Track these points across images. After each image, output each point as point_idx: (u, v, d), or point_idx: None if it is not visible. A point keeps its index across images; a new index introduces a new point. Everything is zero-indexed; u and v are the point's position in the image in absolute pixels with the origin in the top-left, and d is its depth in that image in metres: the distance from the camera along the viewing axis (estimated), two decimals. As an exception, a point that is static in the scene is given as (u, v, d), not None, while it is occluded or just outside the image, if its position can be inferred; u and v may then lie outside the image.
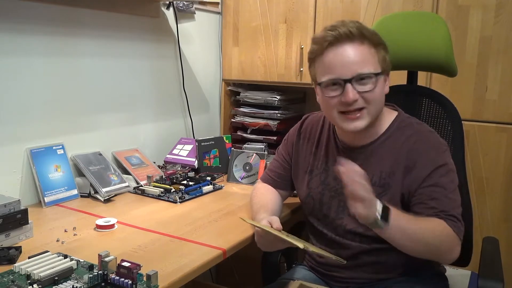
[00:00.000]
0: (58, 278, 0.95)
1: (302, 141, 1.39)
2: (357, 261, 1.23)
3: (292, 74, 2.10)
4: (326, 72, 1.15)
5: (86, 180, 1.58)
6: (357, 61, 1.12)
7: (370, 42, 1.15)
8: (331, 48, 1.14)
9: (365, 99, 1.14)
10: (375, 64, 1.14)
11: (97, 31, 1.68)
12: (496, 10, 1.65)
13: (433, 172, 1.15)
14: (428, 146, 1.18)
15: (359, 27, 1.14)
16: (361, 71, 1.12)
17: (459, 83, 1.71)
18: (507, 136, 1.68)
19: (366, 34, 1.14)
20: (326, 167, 1.31)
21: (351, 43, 1.13)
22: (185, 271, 1.03)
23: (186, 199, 1.57)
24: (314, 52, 1.18)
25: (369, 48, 1.14)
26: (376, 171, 1.21)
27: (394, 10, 1.83)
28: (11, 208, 1.15)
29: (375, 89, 1.14)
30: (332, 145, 1.31)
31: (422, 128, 1.24)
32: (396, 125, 1.23)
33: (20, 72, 1.44)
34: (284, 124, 2.21)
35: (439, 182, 1.14)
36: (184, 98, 2.13)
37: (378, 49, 1.16)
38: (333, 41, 1.13)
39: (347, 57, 1.12)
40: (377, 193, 1.17)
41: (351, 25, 1.14)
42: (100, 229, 1.27)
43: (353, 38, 1.13)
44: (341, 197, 1.25)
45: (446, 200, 1.13)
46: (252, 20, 2.17)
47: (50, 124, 1.55)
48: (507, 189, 1.70)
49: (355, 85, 1.12)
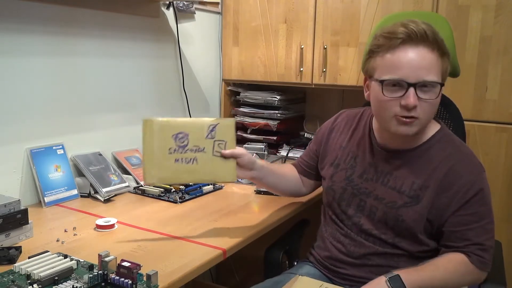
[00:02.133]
0: (58, 278, 0.94)
1: (335, 134, 1.38)
2: (367, 261, 1.22)
3: (292, 74, 2.10)
4: (390, 71, 1.09)
5: (86, 180, 1.58)
6: (425, 66, 1.06)
7: (439, 50, 1.08)
8: (402, 46, 1.07)
9: (422, 108, 1.09)
10: (439, 74, 1.09)
11: (97, 31, 1.68)
12: (496, 10, 1.65)
13: (473, 198, 1.13)
14: (470, 169, 1.15)
15: (434, 31, 1.07)
16: (427, 78, 1.07)
17: (459, 83, 1.70)
18: (507, 136, 1.68)
19: (438, 41, 1.07)
20: (354, 164, 1.29)
21: (423, 46, 1.07)
22: (185, 271, 1.03)
23: (186, 199, 1.57)
24: (380, 46, 1.11)
25: (438, 56, 1.08)
26: (408, 180, 1.18)
27: (394, 10, 1.83)
28: (11, 208, 1.15)
29: (435, 100, 1.10)
30: (365, 143, 1.28)
31: (464, 149, 1.20)
32: (438, 138, 1.20)
33: (20, 72, 1.44)
34: (284, 124, 2.21)
35: (477, 212, 1.13)
36: (184, 98, 2.13)
37: (444, 59, 1.10)
38: (405, 39, 1.07)
39: (417, 60, 1.06)
40: (404, 202, 1.17)
41: (424, 26, 1.06)
42: (100, 229, 1.27)
43: (427, 41, 1.06)
44: (362, 197, 1.24)
45: (480, 231, 1.12)
46: (252, 20, 2.17)
47: (50, 124, 1.55)
48: (507, 189, 1.70)
49: (418, 91, 1.07)
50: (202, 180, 1.27)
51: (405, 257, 1.20)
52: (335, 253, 1.27)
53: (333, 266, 1.28)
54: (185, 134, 1.17)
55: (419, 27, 1.06)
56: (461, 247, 1.12)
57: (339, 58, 1.98)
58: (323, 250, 1.32)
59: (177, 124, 1.18)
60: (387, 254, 1.20)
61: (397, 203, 1.18)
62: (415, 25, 1.07)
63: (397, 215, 1.17)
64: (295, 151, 2.15)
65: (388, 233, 1.20)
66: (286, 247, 1.45)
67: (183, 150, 1.17)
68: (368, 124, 1.30)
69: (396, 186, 1.19)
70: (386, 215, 1.19)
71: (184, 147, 1.17)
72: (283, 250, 1.43)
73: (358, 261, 1.23)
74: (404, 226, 1.17)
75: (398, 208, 1.17)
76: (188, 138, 1.17)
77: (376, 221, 1.21)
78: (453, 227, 1.14)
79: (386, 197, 1.20)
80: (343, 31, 1.95)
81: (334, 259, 1.28)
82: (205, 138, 1.19)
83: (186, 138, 1.17)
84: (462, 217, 1.13)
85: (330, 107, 2.30)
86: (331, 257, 1.28)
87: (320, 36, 2.00)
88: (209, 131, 1.19)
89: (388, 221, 1.19)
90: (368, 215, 1.23)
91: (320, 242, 1.35)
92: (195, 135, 1.18)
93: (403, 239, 1.19)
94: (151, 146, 1.15)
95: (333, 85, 2.02)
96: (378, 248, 1.21)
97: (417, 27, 1.07)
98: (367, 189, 1.24)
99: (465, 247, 1.12)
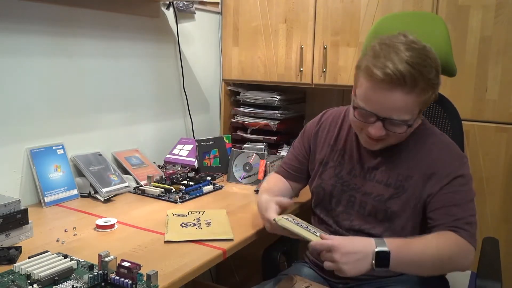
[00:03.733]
0: (58, 278, 0.94)
1: (321, 133, 1.39)
2: None
3: (292, 74, 2.10)
4: (363, 101, 1.12)
5: (86, 180, 1.58)
6: (397, 107, 1.09)
7: (420, 89, 1.08)
8: (380, 85, 1.07)
9: (389, 136, 1.15)
10: (414, 111, 1.11)
11: (97, 31, 1.68)
12: (496, 10, 1.65)
13: (454, 180, 1.16)
14: (450, 156, 1.20)
15: (415, 72, 1.05)
16: (396, 118, 1.10)
17: (459, 83, 1.71)
18: (507, 136, 1.68)
19: (419, 81, 1.06)
20: (342, 161, 1.31)
21: (400, 89, 1.06)
22: (185, 271, 1.03)
23: (186, 199, 1.57)
24: (361, 72, 1.13)
25: (418, 94, 1.08)
26: (393, 173, 1.22)
27: (394, 10, 1.83)
28: (11, 208, 1.15)
29: (402, 133, 1.14)
30: (351, 140, 1.31)
31: (444, 139, 1.25)
32: (419, 132, 1.23)
33: (20, 72, 1.44)
34: (284, 124, 2.21)
35: (459, 190, 1.16)
36: (184, 98, 2.13)
37: (427, 92, 1.10)
38: (383, 81, 1.06)
39: (390, 100, 1.08)
40: (390, 194, 1.21)
41: (405, 67, 1.04)
42: (100, 229, 1.27)
43: (404, 84, 1.05)
44: (352, 192, 1.27)
45: (465, 207, 1.14)
46: (252, 20, 2.17)
47: (50, 124, 1.55)
48: (507, 189, 1.70)
49: (386, 124, 1.12)
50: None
51: None
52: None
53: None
54: None
55: (398, 68, 1.04)
56: (448, 223, 1.13)
57: (339, 58, 1.98)
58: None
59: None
60: None
61: (384, 196, 1.21)
62: (396, 62, 1.04)
63: (385, 207, 1.21)
64: (295, 151, 2.15)
65: (377, 228, 1.22)
66: (284, 248, 1.46)
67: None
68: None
69: (383, 180, 1.23)
70: (376, 209, 1.22)
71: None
72: (281, 250, 1.44)
73: None
74: (393, 217, 1.20)
75: (386, 200, 1.21)
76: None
77: (366, 215, 1.24)
78: (437, 205, 1.16)
79: (373, 192, 1.23)
80: (343, 31, 1.95)
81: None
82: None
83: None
84: (445, 195, 1.16)
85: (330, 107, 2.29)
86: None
87: (320, 36, 2.00)
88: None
89: (378, 214, 1.22)
90: (358, 211, 1.26)
91: None
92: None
93: (391, 234, 1.20)
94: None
95: (333, 85, 2.02)
96: None
97: (395, 67, 1.04)
98: (356, 185, 1.27)
99: (452, 222, 1.13)
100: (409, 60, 1.05)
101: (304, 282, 1.12)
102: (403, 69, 1.04)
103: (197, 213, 1.42)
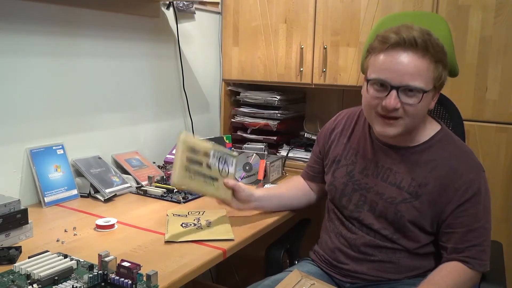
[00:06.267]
0: (58, 278, 0.94)
1: (336, 132, 1.40)
2: (369, 256, 1.24)
3: (292, 74, 2.10)
4: (376, 71, 1.13)
5: (86, 180, 1.57)
6: (411, 72, 1.09)
7: (432, 57, 1.10)
8: (391, 50, 1.11)
9: (405, 111, 1.12)
10: (427, 80, 1.11)
11: (97, 31, 1.68)
12: (496, 10, 1.65)
13: (472, 198, 1.15)
14: (468, 168, 1.17)
15: (426, 39, 1.09)
16: (411, 83, 1.09)
17: (459, 83, 1.70)
18: (507, 136, 1.68)
19: (430, 48, 1.09)
20: (354, 160, 1.32)
21: (412, 52, 1.09)
22: (185, 271, 1.04)
23: (189, 199, 1.57)
24: (373, 48, 1.16)
25: (429, 63, 1.10)
26: (407, 177, 1.21)
27: (394, 10, 1.83)
28: (11, 208, 1.15)
29: (418, 104, 1.11)
30: (365, 139, 1.31)
31: (464, 149, 1.23)
32: (438, 138, 1.22)
33: (20, 72, 1.44)
34: (284, 124, 2.21)
35: (475, 213, 1.14)
36: (184, 98, 2.13)
37: (438, 65, 1.12)
38: (394, 45, 1.10)
39: (402, 65, 1.09)
40: (403, 198, 1.20)
41: (417, 34, 1.09)
42: (100, 229, 1.27)
43: (416, 47, 1.09)
44: (363, 192, 1.27)
45: (481, 231, 1.14)
46: (252, 20, 2.17)
47: (50, 124, 1.55)
48: (507, 189, 1.70)
49: (400, 94, 1.10)
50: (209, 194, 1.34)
51: (405, 252, 1.22)
52: (338, 247, 1.29)
53: (335, 261, 1.29)
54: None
55: (410, 34, 1.09)
56: (461, 250, 1.14)
57: (339, 58, 1.98)
58: (326, 244, 1.34)
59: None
60: (388, 249, 1.22)
61: (396, 198, 1.20)
62: (407, 31, 1.10)
63: (396, 210, 1.20)
64: (295, 151, 2.15)
65: (388, 229, 1.22)
66: (287, 246, 1.46)
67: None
68: (367, 121, 1.32)
69: (396, 182, 1.22)
70: (386, 210, 1.21)
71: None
72: (284, 249, 1.44)
73: (360, 255, 1.25)
74: (403, 221, 1.19)
75: (398, 203, 1.20)
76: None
77: (376, 215, 1.24)
78: (453, 228, 1.16)
79: (386, 193, 1.23)
80: (343, 31, 1.95)
81: (337, 253, 1.29)
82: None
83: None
84: (462, 218, 1.14)
85: (330, 107, 2.30)
86: (334, 251, 1.30)
87: (320, 36, 2.00)
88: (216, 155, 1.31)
89: (388, 216, 1.21)
90: (368, 210, 1.26)
91: (323, 237, 1.37)
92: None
93: (401, 236, 1.21)
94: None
95: (333, 85, 2.02)
96: (379, 243, 1.23)
97: (408, 33, 1.09)
98: (367, 184, 1.27)
99: (466, 250, 1.13)
100: (419, 30, 1.10)
101: (310, 279, 1.12)
102: (415, 35, 1.09)
103: (197, 213, 1.42)
